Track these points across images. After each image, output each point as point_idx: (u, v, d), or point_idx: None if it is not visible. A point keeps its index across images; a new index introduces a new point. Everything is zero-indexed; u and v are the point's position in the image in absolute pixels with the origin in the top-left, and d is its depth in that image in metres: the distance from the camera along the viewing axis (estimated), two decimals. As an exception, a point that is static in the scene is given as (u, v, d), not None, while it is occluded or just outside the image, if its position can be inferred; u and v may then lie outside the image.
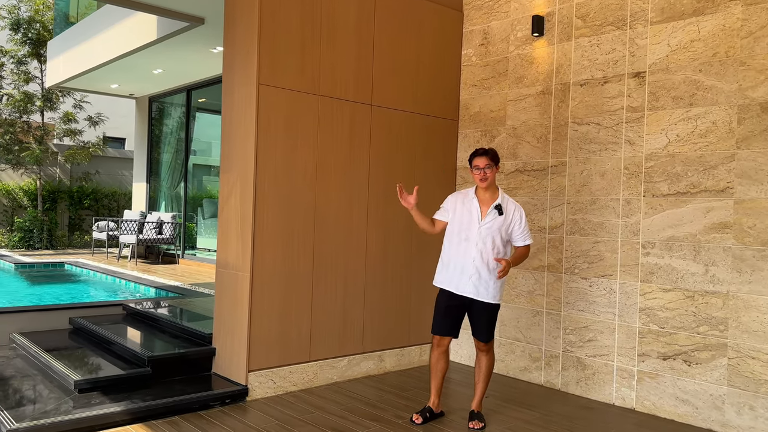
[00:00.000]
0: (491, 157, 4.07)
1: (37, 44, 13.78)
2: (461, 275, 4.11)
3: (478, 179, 4.07)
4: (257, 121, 4.61)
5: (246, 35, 4.71)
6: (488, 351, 4.24)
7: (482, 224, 4.07)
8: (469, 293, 4.09)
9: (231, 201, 4.86)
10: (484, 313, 4.14)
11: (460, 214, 4.17)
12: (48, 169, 15.00)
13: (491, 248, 4.08)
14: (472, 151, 4.14)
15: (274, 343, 4.76)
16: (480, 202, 4.13)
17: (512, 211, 4.12)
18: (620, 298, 4.77)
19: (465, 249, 4.11)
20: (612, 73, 4.87)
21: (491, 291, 4.10)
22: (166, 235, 11.30)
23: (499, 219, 4.08)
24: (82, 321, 5.89)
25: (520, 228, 4.13)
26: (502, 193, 4.16)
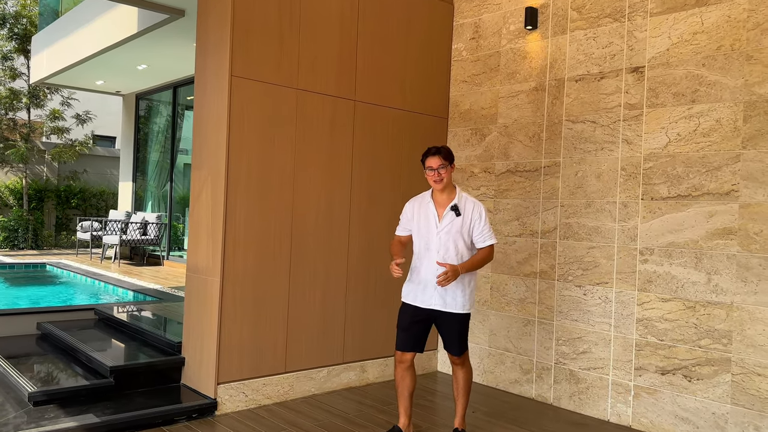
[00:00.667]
0: (444, 156, 3.72)
1: (24, 40, 13.48)
2: (426, 288, 3.77)
3: (432, 181, 3.73)
4: (229, 114, 4.31)
5: (218, 24, 4.41)
6: (463, 363, 3.90)
7: (440, 229, 3.73)
8: (436, 305, 3.76)
9: (202, 200, 4.55)
10: (455, 325, 3.79)
11: (417, 220, 3.85)
12: (35, 167, 14.69)
13: (454, 254, 3.72)
14: (424, 151, 3.80)
15: (246, 353, 4.45)
16: (436, 205, 3.80)
17: (470, 209, 3.76)
18: (616, 308, 4.47)
19: (428, 259, 3.77)
20: (609, 68, 4.58)
21: (459, 300, 3.76)
22: (151, 236, 10.98)
23: (458, 221, 3.73)
24: (50, 326, 5.58)
25: (480, 226, 3.75)
26: (460, 192, 3.82)
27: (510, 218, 5.13)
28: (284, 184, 4.61)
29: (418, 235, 3.84)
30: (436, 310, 3.77)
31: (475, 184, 5.41)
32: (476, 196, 5.39)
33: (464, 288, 3.77)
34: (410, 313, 3.83)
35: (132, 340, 5.30)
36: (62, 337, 5.23)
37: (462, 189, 3.85)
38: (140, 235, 10.93)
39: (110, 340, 5.29)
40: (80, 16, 9.43)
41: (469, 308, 3.81)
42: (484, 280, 5.30)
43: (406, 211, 3.94)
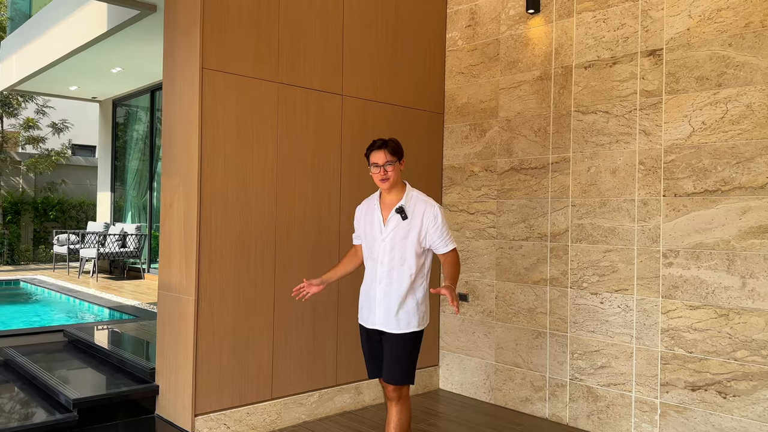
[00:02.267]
0: (392, 151, 3.15)
1: (-6, 46, 12.90)
2: (371, 304, 3.22)
3: (378, 179, 3.15)
4: (201, 112, 3.83)
5: (187, 12, 3.93)
6: (399, 398, 3.19)
7: (384, 234, 3.17)
8: (379, 324, 3.18)
9: (173, 210, 4.07)
10: (396, 347, 3.15)
11: (364, 226, 3.30)
12: (10, 179, 14.10)
13: (400, 264, 3.14)
14: (368, 146, 3.23)
15: (227, 379, 3.96)
16: (383, 208, 3.23)
17: (421, 211, 3.16)
18: (638, 317, 4.02)
19: (372, 270, 3.22)
20: (622, 53, 4.14)
21: (402, 319, 3.14)
22: (130, 248, 10.44)
23: (404, 225, 3.15)
24: (12, 352, 5.06)
25: (436, 230, 3.15)
26: (410, 191, 3.23)
27: (515, 220, 4.68)
28: (266, 190, 4.13)
29: (365, 243, 3.29)
30: (379, 330, 3.20)
31: (475, 184, 4.96)
32: (477, 198, 4.93)
33: (411, 304, 3.17)
34: (365, 336, 3.29)
35: (102, 365, 4.80)
36: (23, 364, 4.72)
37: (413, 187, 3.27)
38: (119, 247, 10.39)
39: (78, 367, 4.78)
40: (48, 17, 8.91)
41: (416, 326, 3.17)
42: (488, 289, 4.84)
43: (357, 216, 3.40)
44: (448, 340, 5.13)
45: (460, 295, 5.02)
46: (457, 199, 5.09)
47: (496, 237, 4.81)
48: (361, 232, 3.34)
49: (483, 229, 4.89)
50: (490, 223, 4.84)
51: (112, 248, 10.28)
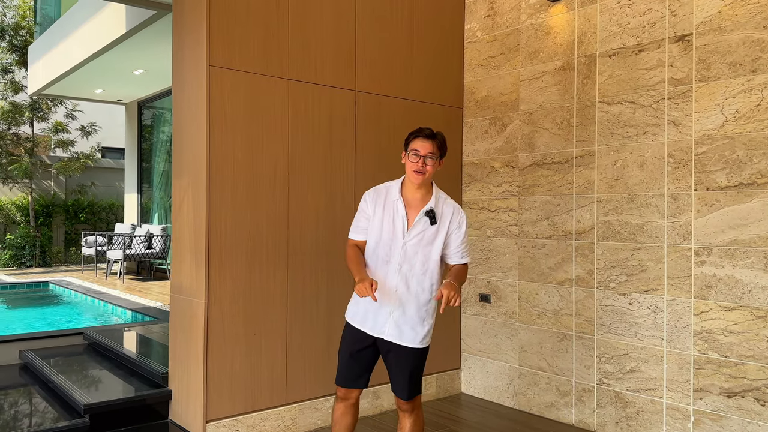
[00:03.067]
0: (439, 144, 2.87)
1: (24, 52, 13.10)
2: (378, 310, 2.93)
3: (413, 170, 2.84)
4: (209, 111, 3.73)
5: (194, 8, 3.84)
6: (413, 410, 3.02)
7: (407, 238, 2.88)
8: (390, 336, 2.92)
9: (183, 211, 3.98)
10: (409, 361, 2.94)
11: (380, 222, 2.94)
12: (41, 182, 14.32)
13: (421, 272, 2.90)
14: (413, 131, 2.91)
15: (239, 384, 3.86)
16: (407, 206, 2.92)
17: (449, 215, 2.93)
18: (669, 319, 3.80)
19: (385, 274, 2.91)
20: (649, 39, 3.92)
21: (419, 332, 2.93)
22: (156, 249, 10.48)
23: (431, 230, 2.89)
24: (31, 355, 5.05)
25: (459, 239, 2.94)
26: (438, 192, 2.96)
27: (538, 218, 4.48)
28: (277, 190, 4.01)
29: (377, 243, 2.95)
30: (388, 341, 2.94)
31: (496, 180, 4.77)
32: (498, 195, 4.75)
33: (428, 318, 2.96)
34: (356, 339, 2.99)
35: (118, 368, 4.75)
36: (40, 367, 4.69)
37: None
38: (145, 248, 10.44)
39: (94, 370, 4.73)
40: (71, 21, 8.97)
41: (428, 342, 2.99)
42: (510, 289, 4.65)
43: (365, 207, 3.01)
44: (470, 343, 4.95)
45: (481, 295, 4.84)
46: (477, 197, 4.91)
47: (518, 235, 4.62)
48: (373, 228, 2.97)
49: (504, 228, 4.71)
50: (512, 220, 4.65)
51: (138, 250, 10.33)
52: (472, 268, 4.92)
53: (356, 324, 3.01)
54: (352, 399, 3.07)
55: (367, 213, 3.01)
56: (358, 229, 3.06)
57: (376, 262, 2.96)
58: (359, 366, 3.01)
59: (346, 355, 3.03)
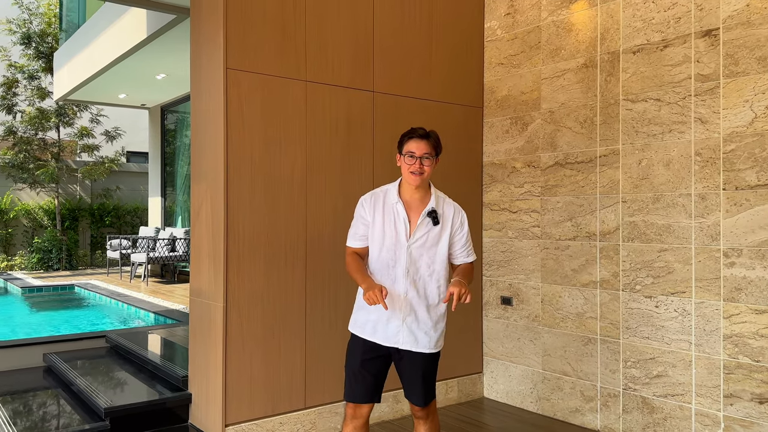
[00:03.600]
0: (434, 143, 2.81)
1: (50, 58, 13.31)
2: (390, 319, 2.83)
3: (409, 171, 2.78)
4: (226, 114, 3.71)
5: (210, 11, 3.83)
6: (428, 416, 2.95)
7: (412, 241, 2.81)
8: (405, 344, 2.83)
9: (202, 215, 3.97)
10: (424, 366, 2.87)
11: (381, 227, 2.86)
12: (68, 186, 14.53)
13: (428, 274, 2.83)
14: (405, 132, 2.86)
15: (258, 388, 3.83)
16: (407, 208, 2.85)
17: (450, 215, 2.88)
18: (697, 322, 3.68)
19: (393, 280, 2.83)
20: (674, 34, 3.81)
21: (433, 337, 2.86)
22: (180, 252, 10.55)
23: (435, 231, 2.83)
24: (54, 358, 5.09)
25: (462, 239, 2.90)
26: (437, 193, 2.90)
27: (561, 218, 4.39)
28: (295, 192, 3.99)
29: (380, 248, 2.86)
30: (402, 349, 2.86)
31: (517, 181, 4.69)
32: (520, 195, 4.66)
33: (440, 320, 2.89)
34: (366, 351, 2.88)
35: (140, 372, 4.76)
36: (63, 370, 4.73)
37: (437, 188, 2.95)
38: (169, 251, 10.51)
39: (115, 374, 4.75)
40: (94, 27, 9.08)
41: (441, 345, 2.93)
42: (533, 292, 4.57)
43: (364, 213, 2.92)
44: (492, 346, 4.88)
45: (503, 298, 4.76)
46: (498, 198, 4.83)
47: (540, 237, 4.53)
48: (374, 233, 2.88)
49: (526, 229, 4.62)
50: (534, 222, 4.57)
51: (161, 252, 10.41)
52: (494, 270, 4.84)
53: (366, 335, 2.89)
54: (362, 417, 2.92)
55: (365, 219, 2.92)
56: (357, 236, 2.96)
57: (381, 269, 2.87)
58: (372, 377, 2.89)
59: (356, 368, 2.90)
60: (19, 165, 13.19)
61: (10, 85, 13.38)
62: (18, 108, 13.49)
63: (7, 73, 13.49)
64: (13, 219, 13.82)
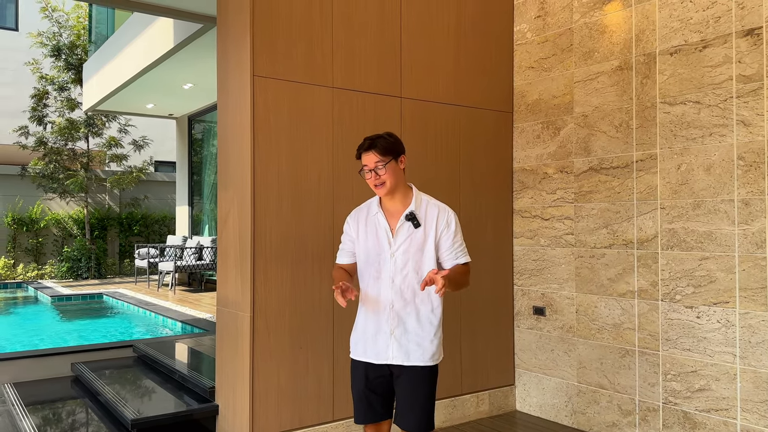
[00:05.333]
0: (382, 150, 2.69)
1: (80, 70, 13.50)
2: (377, 334, 2.74)
3: (372, 185, 2.73)
4: (253, 121, 3.67)
5: (238, 18, 3.79)
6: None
7: (394, 248, 2.72)
8: (396, 358, 2.71)
9: (229, 224, 3.92)
10: (419, 384, 2.70)
11: (364, 240, 2.80)
12: (96, 196, 14.71)
13: (416, 281, 2.69)
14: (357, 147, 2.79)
15: (285, 399, 3.76)
16: (387, 216, 2.77)
17: (434, 216, 2.73)
18: (742, 334, 3.52)
19: (377, 291, 2.74)
20: (714, 34, 3.67)
21: (428, 348, 2.70)
22: (207, 260, 10.57)
23: (418, 234, 2.71)
24: (82, 368, 5.08)
25: (448, 238, 2.73)
26: (418, 194, 2.78)
27: (596, 226, 4.26)
28: (322, 200, 3.92)
29: (366, 261, 2.80)
30: (395, 365, 2.73)
31: (549, 187, 4.56)
32: (552, 202, 4.54)
33: (433, 328, 2.73)
34: (363, 374, 2.78)
35: (167, 382, 4.73)
36: (90, 380, 4.71)
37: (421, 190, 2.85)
38: (196, 260, 10.54)
39: (142, 384, 4.72)
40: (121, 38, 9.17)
41: (438, 358, 2.75)
42: (567, 302, 4.43)
43: (348, 229, 2.89)
44: (524, 358, 4.74)
45: (536, 308, 4.63)
46: (529, 204, 4.71)
47: (574, 245, 4.39)
48: (359, 248, 2.84)
49: (560, 237, 4.49)
50: (568, 229, 4.44)
51: (189, 261, 10.44)
52: (525, 279, 4.72)
53: (359, 356, 2.81)
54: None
55: (350, 235, 2.88)
56: (343, 252, 2.94)
57: (368, 280, 2.80)
58: (379, 397, 2.79)
59: (360, 391, 2.80)
60: (50, 175, 13.38)
61: (41, 96, 13.60)
62: (48, 119, 13.69)
63: (38, 85, 13.71)
64: (43, 228, 14.02)
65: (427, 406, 2.72)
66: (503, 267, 4.77)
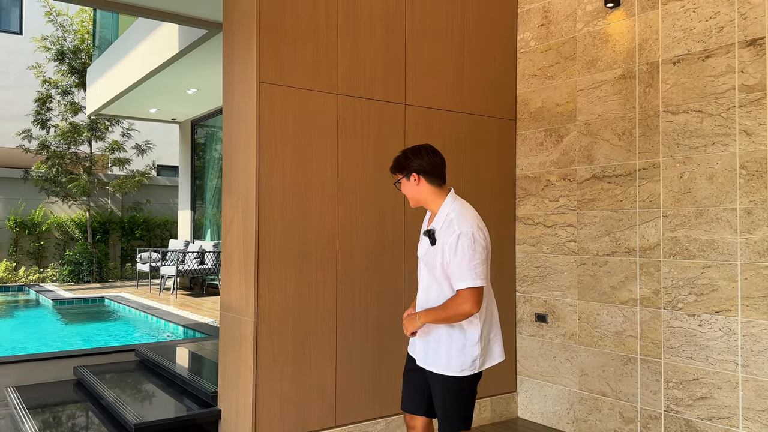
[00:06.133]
0: (392, 168, 2.89)
1: (83, 74, 13.55)
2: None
3: None
4: (258, 127, 3.69)
5: (244, 26, 3.82)
6: None
7: (420, 257, 2.88)
8: (416, 354, 2.88)
9: (233, 229, 3.94)
10: (440, 391, 2.77)
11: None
12: (99, 200, 14.74)
13: (436, 295, 2.74)
14: None
15: (288, 405, 3.77)
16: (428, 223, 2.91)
17: (442, 235, 2.70)
18: (744, 342, 3.53)
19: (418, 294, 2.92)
20: (716, 44, 3.69)
21: (442, 356, 2.73)
22: (209, 265, 10.59)
23: (432, 252, 2.74)
24: (85, 371, 5.09)
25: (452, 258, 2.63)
26: (445, 208, 2.77)
27: (599, 233, 4.27)
28: (326, 206, 3.94)
29: None
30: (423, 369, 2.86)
31: (552, 194, 4.58)
32: (555, 209, 4.56)
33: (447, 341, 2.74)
34: (408, 360, 3.00)
35: (169, 386, 4.74)
36: (92, 384, 4.72)
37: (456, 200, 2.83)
38: (198, 264, 10.56)
39: (144, 388, 4.73)
40: (125, 43, 9.21)
41: (455, 371, 2.71)
42: (569, 309, 4.44)
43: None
44: (526, 365, 4.75)
45: (538, 315, 4.64)
46: (532, 212, 4.73)
47: (577, 252, 4.41)
48: None
49: (562, 244, 4.51)
50: (570, 236, 4.45)
51: (191, 265, 10.46)
52: (528, 286, 4.73)
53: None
54: (416, 429, 2.93)
55: None
56: None
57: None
58: (412, 389, 2.94)
59: (404, 376, 3.02)
60: (52, 179, 13.42)
61: (44, 100, 13.65)
62: (52, 123, 13.74)
63: (41, 89, 13.76)
64: (45, 232, 14.05)
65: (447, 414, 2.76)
66: (506, 274, 4.79)
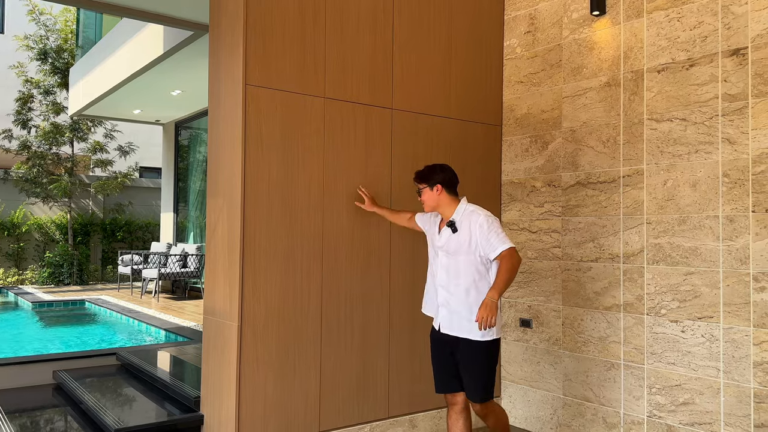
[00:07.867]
0: (418, 178, 3.45)
1: (66, 74, 13.41)
2: (434, 299, 3.39)
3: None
4: (245, 130, 3.67)
5: (230, 28, 3.80)
6: (487, 414, 3.32)
7: (439, 244, 3.36)
8: (444, 327, 3.30)
9: (218, 232, 3.91)
10: (470, 357, 3.22)
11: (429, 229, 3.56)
12: (80, 201, 14.56)
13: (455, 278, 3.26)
14: None
15: (272, 410, 3.74)
16: (441, 222, 3.46)
17: (468, 222, 3.26)
18: (725, 348, 3.57)
19: (435, 268, 3.40)
20: (700, 53, 3.74)
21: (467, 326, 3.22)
22: (191, 268, 10.50)
23: (455, 238, 3.27)
24: (64, 376, 5.02)
25: (482, 234, 3.20)
26: (461, 206, 3.36)
27: (583, 239, 4.30)
28: (312, 210, 3.92)
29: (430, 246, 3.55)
30: (450, 335, 3.28)
31: (537, 200, 4.60)
32: (540, 215, 4.58)
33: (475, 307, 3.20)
34: (435, 337, 3.40)
35: (151, 391, 4.68)
36: (73, 388, 4.65)
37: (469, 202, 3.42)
38: (180, 267, 10.47)
39: (126, 393, 4.67)
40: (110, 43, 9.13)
41: (492, 334, 3.22)
42: (553, 314, 4.46)
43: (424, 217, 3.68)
44: (510, 370, 4.76)
45: (522, 320, 4.66)
46: (517, 217, 4.75)
47: (561, 258, 4.43)
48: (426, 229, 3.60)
49: (547, 249, 4.53)
50: (555, 242, 4.48)
51: (173, 268, 10.36)
52: (512, 291, 4.75)
53: (427, 312, 3.46)
54: (458, 404, 3.33)
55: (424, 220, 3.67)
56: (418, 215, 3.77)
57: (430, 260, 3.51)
58: (441, 365, 3.34)
59: (433, 356, 3.40)
60: (33, 179, 13.24)
61: (25, 100, 13.48)
62: (33, 123, 13.56)
63: (23, 89, 13.59)
64: (25, 233, 13.85)
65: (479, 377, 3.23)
66: (490, 279, 4.79)
